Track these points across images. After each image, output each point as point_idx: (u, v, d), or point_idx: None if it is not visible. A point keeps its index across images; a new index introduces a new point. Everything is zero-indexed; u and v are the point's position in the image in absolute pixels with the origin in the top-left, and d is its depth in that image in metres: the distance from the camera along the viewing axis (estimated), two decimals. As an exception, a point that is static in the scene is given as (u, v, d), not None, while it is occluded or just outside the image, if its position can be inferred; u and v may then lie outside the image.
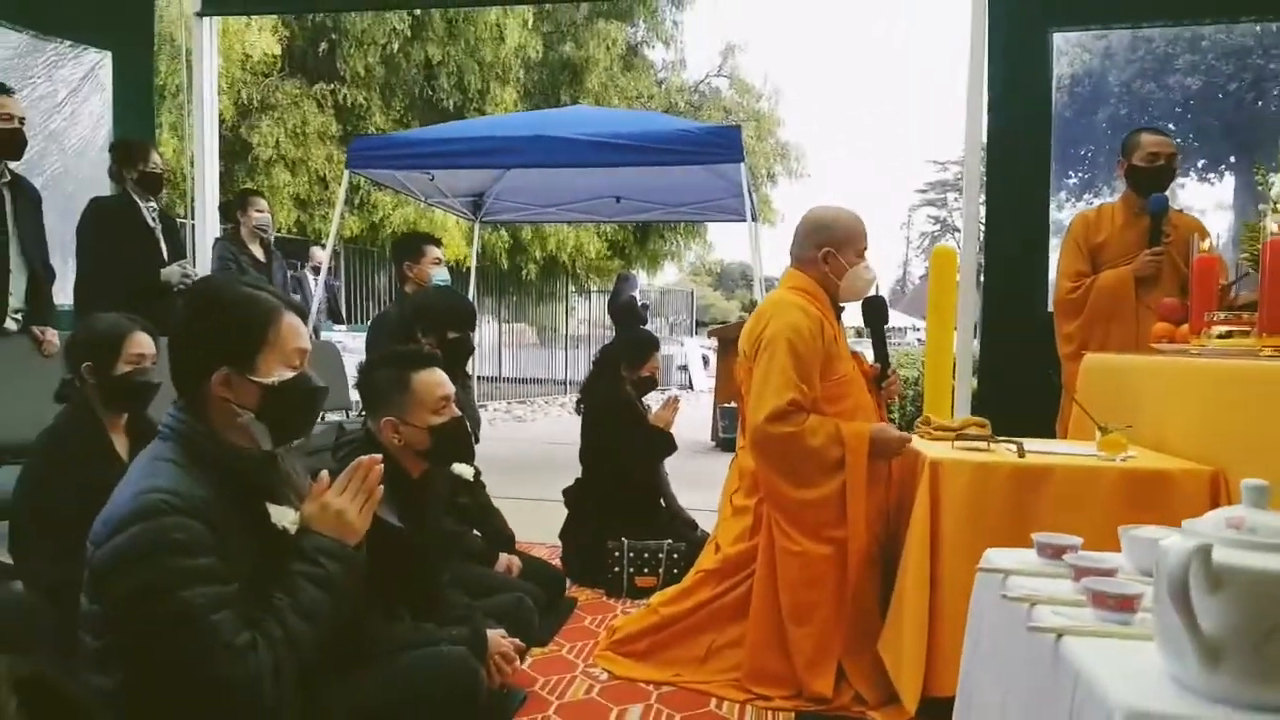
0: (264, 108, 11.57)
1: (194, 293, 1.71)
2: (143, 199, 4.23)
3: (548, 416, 11.67)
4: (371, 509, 1.68)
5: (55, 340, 3.63)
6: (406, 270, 4.16)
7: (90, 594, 1.51)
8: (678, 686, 2.71)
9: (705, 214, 8.40)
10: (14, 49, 4.75)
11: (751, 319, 2.86)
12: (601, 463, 3.86)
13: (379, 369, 2.36)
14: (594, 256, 15.04)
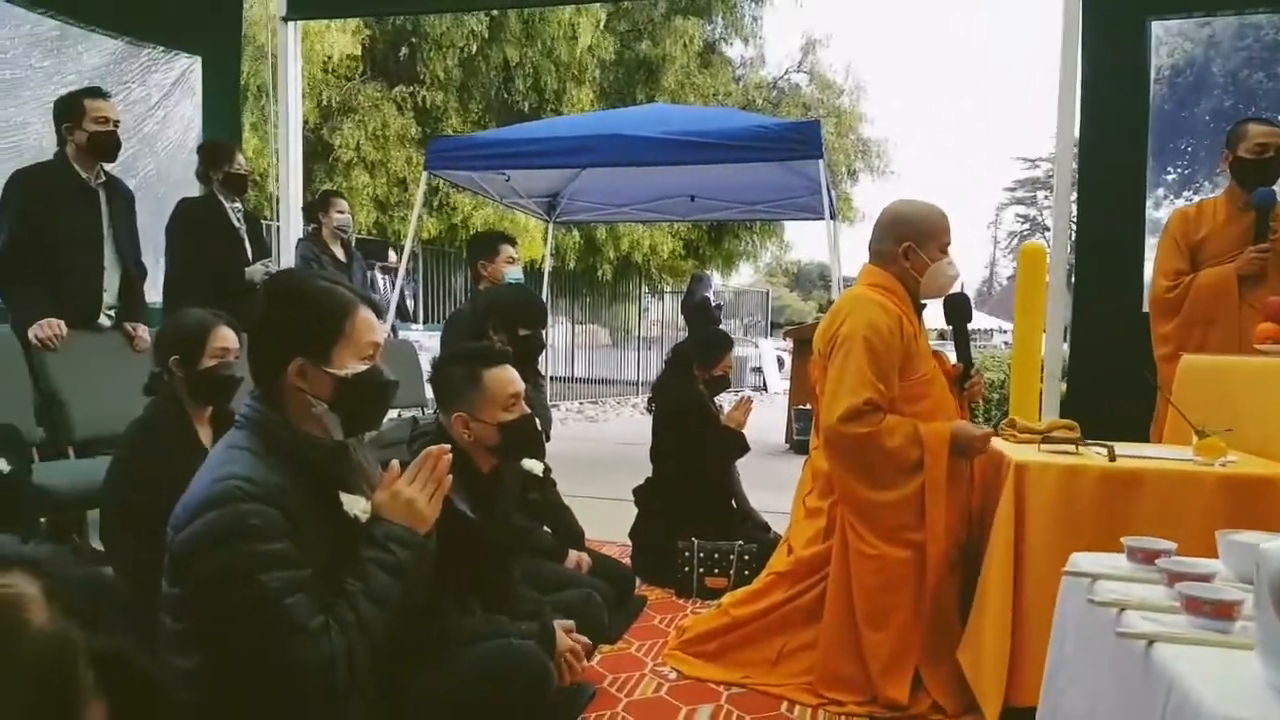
0: (345, 110, 11.87)
1: (272, 285, 1.75)
2: (228, 199, 4.37)
3: (619, 417, 11.70)
4: (441, 498, 1.69)
5: (146, 336, 3.75)
6: (481, 269, 4.20)
7: (170, 578, 1.55)
8: (748, 688, 2.68)
9: (782, 212, 8.31)
10: (110, 55, 4.96)
11: (827, 316, 2.80)
12: (672, 462, 3.83)
13: (451, 365, 2.38)
14: (667, 256, 15.02)
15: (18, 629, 0.60)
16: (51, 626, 0.61)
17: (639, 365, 15.66)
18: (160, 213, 4.40)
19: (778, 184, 7.04)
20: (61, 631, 0.62)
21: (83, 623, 0.63)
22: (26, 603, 0.61)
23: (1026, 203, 46.22)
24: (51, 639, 0.61)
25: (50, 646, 0.61)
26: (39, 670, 0.60)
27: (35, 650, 0.60)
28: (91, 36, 4.85)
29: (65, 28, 4.72)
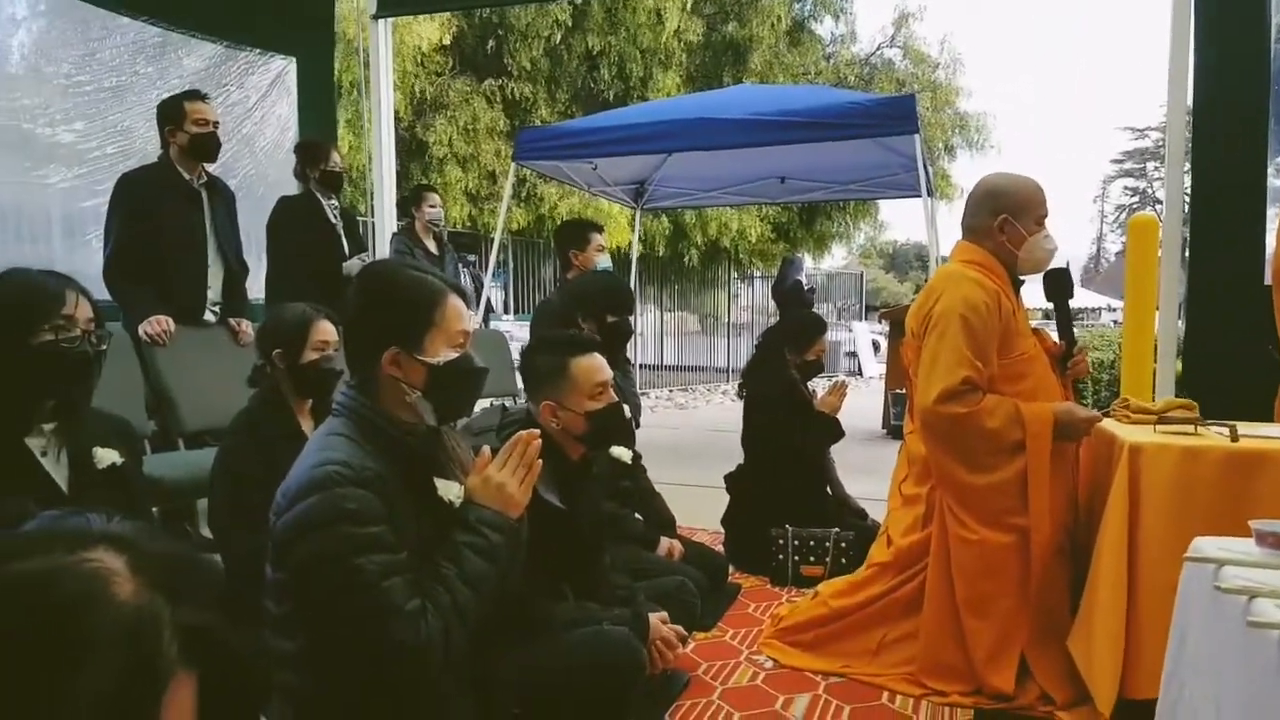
0: (437, 106, 12.10)
1: (366, 276, 1.78)
2: (325, 196, 4.48)
3: (709, 404, 11.64)
4: (531, 482, 1.70)
5: (249, 330, 3.88)
6: (571, 257, 4.21)
7: (273, 562, 1.60)
8: (848, 678, 2.63)
9: (876, 191, 8.09)
10: (209, 59, 5.15)
11: (921, 295, 2.71)
12: (764, 449, 3.77)
13: (539, 354, 2.38)
14: (757, 240, 14.84)
15: (104, 601, 0.61)
16: (136, 599, 0.62)
17: (729, 351, 15.54)
18: (259, 211, 4.55)
19: (872, 162, 6.85)
20: (146, 604, 0.62)
21: (167, 596, 0.64)
22: (112, 576, 0.62)
23: (1135, 174, 44.25)
24: (136, 611, 0.62)
25: (135, 618, 0.61)
26: (124, 641, 0.60)
27: (120, 622, 0.61)
28: (191, 42, 5.04)
29: (167, 34, 4.92)
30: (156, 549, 0.66)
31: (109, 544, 0.64)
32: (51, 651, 0.58)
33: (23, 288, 1.85)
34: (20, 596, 0.60)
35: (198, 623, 0.65)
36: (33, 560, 0.62)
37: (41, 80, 4.42)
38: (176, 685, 0.62)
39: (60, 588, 0.61)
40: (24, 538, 0.65)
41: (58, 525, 0.69)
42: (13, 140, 4.33)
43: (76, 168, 4.54)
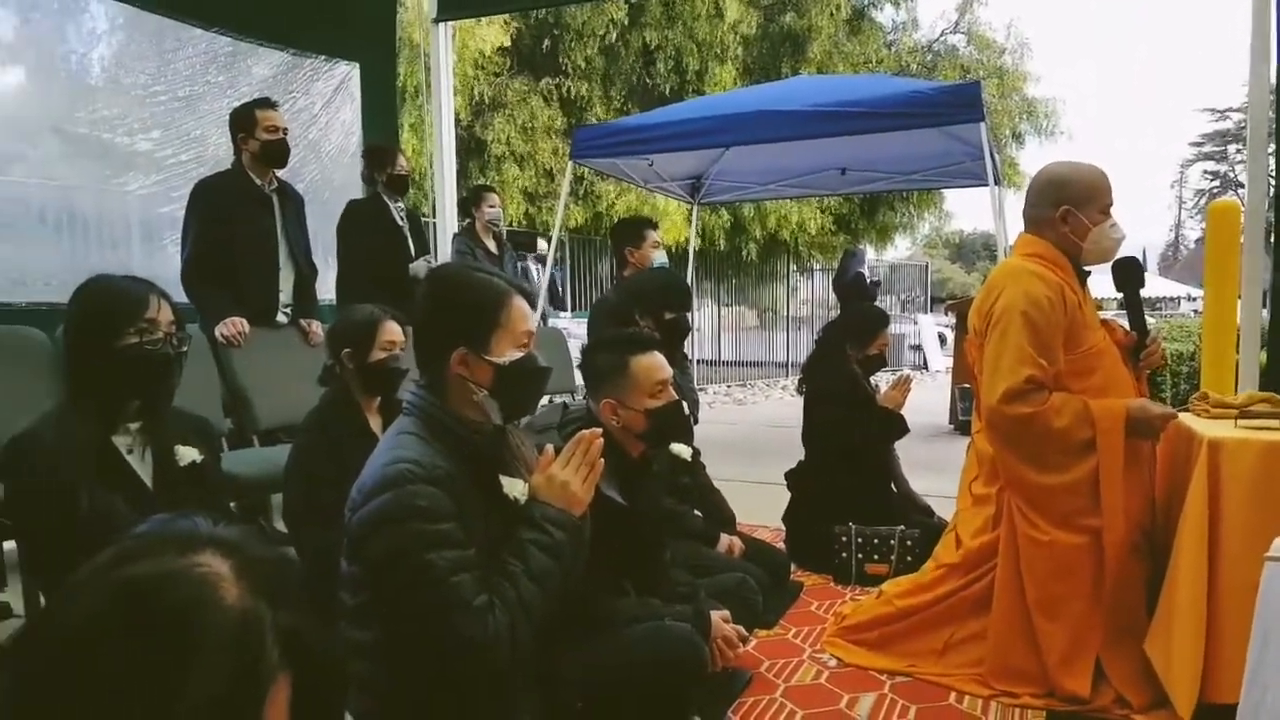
0: (495, 106, 12.23)
1: (434, 280, 1.82)
2: (391, 199, 4.59)
3: (768, 399, 11.57)
4: (594, 480, 1.72)
5: (319, 331, 3.98)
6: (627, 255, 4.23)
7: (348, 556, 1.65)
8: (914, 677, 2.59)
9: (941, 180, 7.94)
10: (277, 67, 5.30)
11: (981, 291, 2.65)
12: (825, 445, 3.74)
13: (599, 352, 2.40)
14: (817, 233, 14.69)
15: (212, 605, 0.64)
16: (242, 603, 0.65)
17: (788, 346, 15.43)
18: (326, 215, 4.67)
19: (936, 151, 6.73)
20: (251, 608, 0.65)
21: (269, 600, 0.66)
22: (219, 581, 0.65)
23: (1215, 158, 42.69)
24: (242, 614, 0.64)
25: (241, 622, 0.64)
26: (232, 644, 0.63)
27: (228, 625, 0.63)
28: (260, 51, 5.19)
29: (237, 44, 5.06)
30: (258, 554, 0.69)
31: (216, 548, 0.67)
32: (163, 654, 0.61)
33: (108, 293, 1.93)
34: (134, 599, 0.63)
35: (295, 626, 0.68)
36: (145, 564, 0.65)
37: (120, 91, 4.59)
38: (277, 687, 0.65)
39: (172, 592, 0.63)
40: (136, 541, 0.68)
41: (167, 529, 0.71)
42: (94, 149, 4.50)
43: (154, 175, 4.70)
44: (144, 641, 0.61)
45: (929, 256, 27.11)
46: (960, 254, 38.62)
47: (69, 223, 4.37)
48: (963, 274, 36.31)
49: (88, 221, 4.45)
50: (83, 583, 0.65)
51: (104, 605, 0.63)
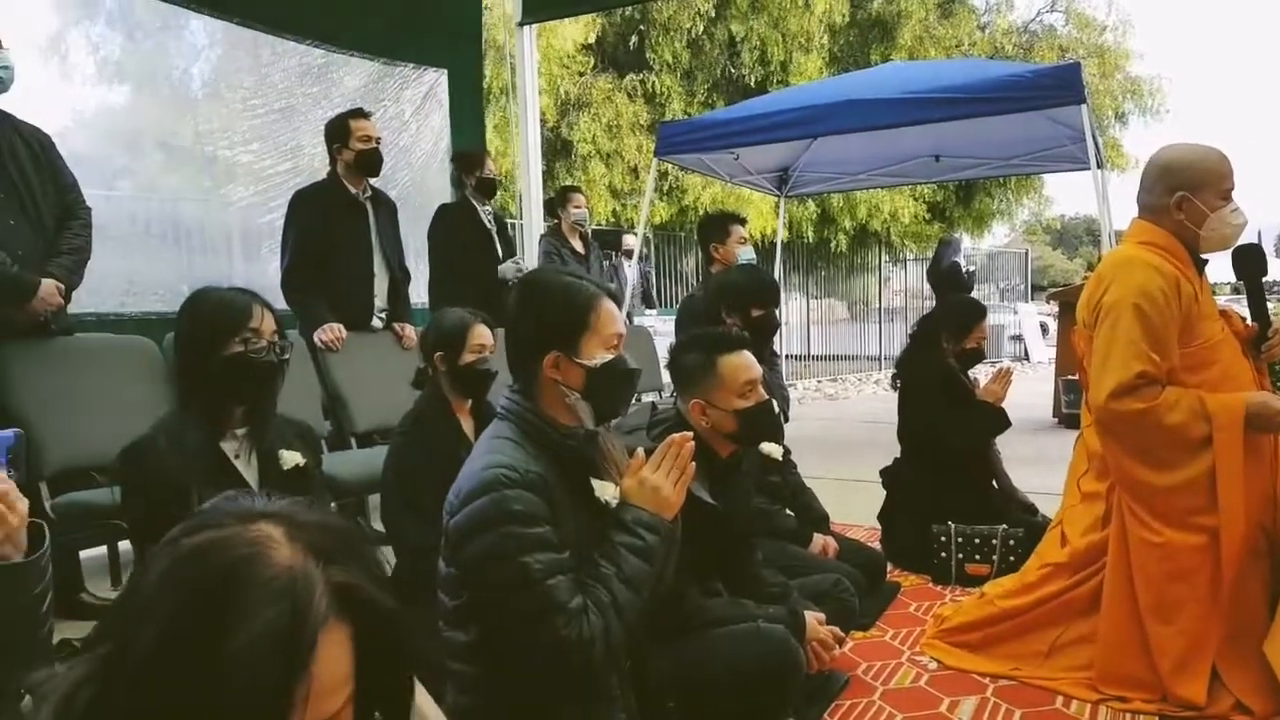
0: (580, 104, 12.31)
1: (523, 285, 1.84)
2: (480, 203, 4.67)
3: (861, 394, 11.35)
4: (685, 484, 1.71)
5: (412, 335, 4.08)
6: (713, 251, 4.20)
7: (446, 559, 1.68)
8: (1018, 681, 2.51)
9: (1040, 165, 7.68)
10: (368, 76, 5.43)
11: (1090, 283, 2.54)
12: (922, 441, 3.64)
13: (687, 352, 2.39)
14: (910, 222, 14.35)
15: (262, 561, 0.71)
16: (291, 561, 0.72)
17: (880, 339, 15.07)
18: (417, 219, 4.77)
19: (1034, 135, 6.50)
20: (300, 565, 0.72)
21: (319, 558, 0.73)
22: (270, 542, 0.73)
23: (1337, 129, 39.94)
24: (290, 570, 0.71)
25: (289, 577, 0.71)
26: (281, 595, 0.70)
27: (277, 578, 0.70)
28: (351, 61, 5.33)
29: (329, 55, 5.21)
30: (310, 519, 0.77)
31: (269, 518, 0.75)
32: (221, 604, 0.69)
33: (214, 304, 2.00)
34: (198, 560, 0.71)
35: (347, 580, 0.74)
36: (207, 532, 0.73)
37: (220, 104, 4.77)
38: (328, 634, 0.71)
39: (227, 552, 0.71)
40: (202, 515, 0.77)
41: (228, 504, 0.79)
42: (198, 161, 4.69)
43: (254, 186, 4.87)
44: (205, 595, 0.69)
45: (1029, 243, 26.14)
46: (1062, 240, 37.11)
47: (174, 234, 4.54)
48: (1064, 260, 34.89)
49: (191, 232, 4.62)
50: (157, 552, 0.74)
51: (170, 566, 0.72)
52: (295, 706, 0.68)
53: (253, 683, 0.67)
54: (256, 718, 0.67)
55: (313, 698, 0.70)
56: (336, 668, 0.72)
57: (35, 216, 2.98)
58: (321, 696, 0.70)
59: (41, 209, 3.00)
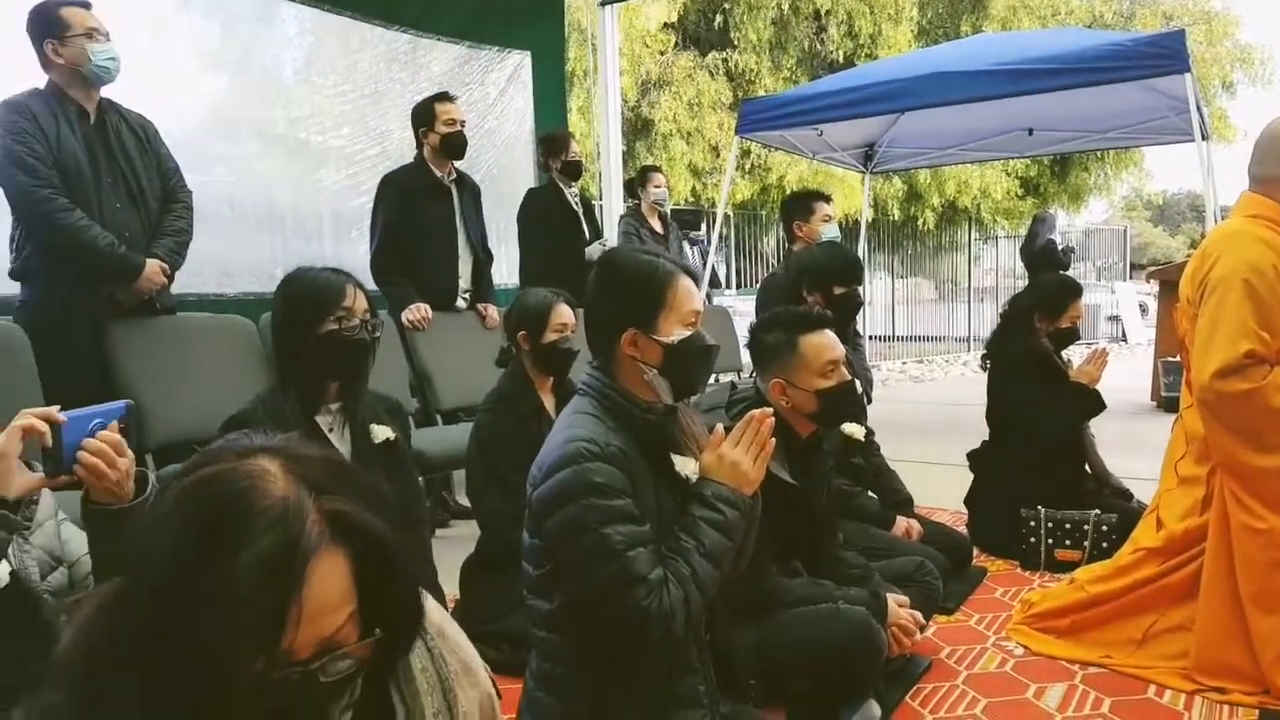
0: (661, 84, 12.27)
1: (602, 264, 1.87)
2: (566, 185, 4.72)
3: (947, 376, 11.09)
4: (765, 461, 1.71)
5: (495, 315, 4.16)
6: (796, 229, 4.16)
7: (529, 530, 1.71)
8: (1108, 669, 2.44)
9: (1140, 137, 7.34)
10: (453, 60, 5.52)
11: (1195, 257, 2.43)
12: (1012, 424, 3.54)
13: (768, 331, 2.37)
14: (1001, 198, 13.93)
15: (259, 492, 0.77)
16: (286, 490, 0.78)
17: (969, 319, 14.69)
18: (500, 202, 4.85)
19: (1134, 106, 6.22)
20: (294, 495, 0.78)
21: (312, 488, 0.79)
22: (266, 474, 0.78)
23: None
24: (284, 500, 0.77)
25: (283, 505, 0.76)
26: (276, 522, 0.75)
27: (273, 505, 0.76)
28: (438, 46, 5.42)
29: (416, 40, 5.31)
30: (304, 453, 0.83)
31: (267, 452, 0.81)
32: (220, 533, 0.74)
33: (310, 284, 2.09)
34: (200, 493, 0.78)
35: (338, 508, 0.80)
36: (208, 468, 0.79)
37: (313, 91, 4.91)
38: (320, 559, 0.77)
39: (229, 485, 0.77)
40: (204, 453, 0.83)
41: (230, 442, 0.85)
42: (292, 147, 4.85)
43: (345, 170, 5.02)
44: (205, 523, 0.75)
45: (1128, 220, 25.07)
46: (1163, 216, 35.41)
47: (267, 218, 4.70)
48: (1166, 238, 33.35)
49: (284, 216, 4.78)
50: (164, 488, 0.82)
51: (175, 499, 0.78)
52: (288, 626, 0.74)
53: (248, 604, 0.72)
54: (253, 636, 0.73)
55: (305, 618, 0.75)
56: (332, 588, 0.78)
57: (140, 200, 3.12)
58: (315, 617, 0.76)
59: (146, 193, 3.13)
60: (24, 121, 2.85)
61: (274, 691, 0.75)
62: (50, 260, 2.95)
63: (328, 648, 0.78)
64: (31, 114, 2.86)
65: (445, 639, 1.05)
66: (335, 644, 0.78)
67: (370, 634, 0.82)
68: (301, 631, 0.75)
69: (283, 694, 0.75)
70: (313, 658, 0.77)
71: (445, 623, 1.07)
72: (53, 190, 2.86)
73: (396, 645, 0.89)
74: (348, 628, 0.80)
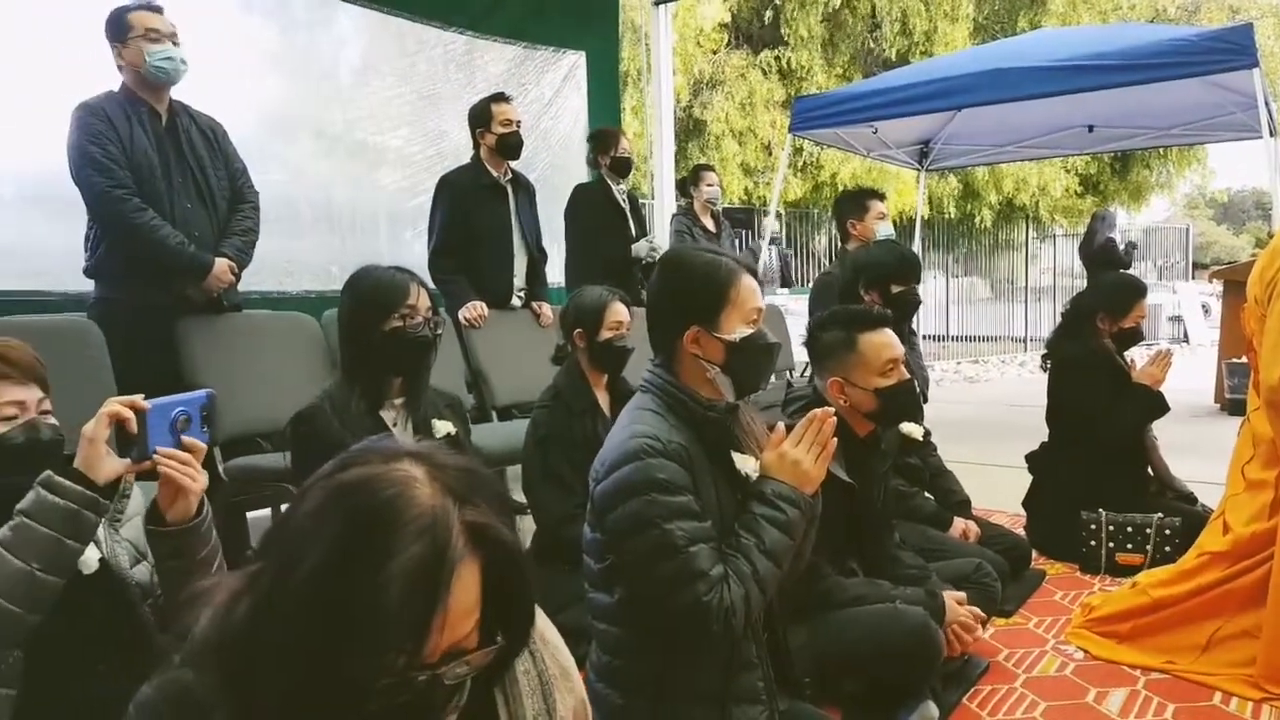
0: (714, 83, 12.24)
1: (665, 262, 1.90)
2: (614, 182, 4.74)
3: (1004, 377, 10.89)
4: (827, 460, 1.71)
5: (549, 313, 4.21)
6: (850, 228, 4.13)
7: (591, 524, 1.74)
8: (1172, 675, 2.39)
9: (1205, 134, 7.18)
10: (509, 61, 5.55)
11: (1264, 256, 2.38)
12: (1073, 425, 3.47)
13: (827, 329, 2.37)
14: (1060, 195, 13.64)
15: (408, 500, 0.78)
16: (433, 500, 0.79)
17: (1026, 319, 14.42)
18: (555, 200, 4.87)
19: (1198, 102, 6.08)
20: (440, 504, 0.79)
21: (455, 498, 0.80)
22: (414, 481, 0.80)
23: None
24: (432, 509, 0.78)
25: (432, 515, 0.78)
26: (425, 532, 0.77)
27: (421, 515, 0.78)
28: (494, 47, 5.46)
29: (473, 42, 5.36)
30: (449, 461, 0.84)
31: (412, 457, 0.82)
32: (372, 538, 0.76)
33: (376, 282, 2.14)
34: (351, 495, 0.79)
35: (479, 519, 0.81)
36: (356, 470, 0.81)
37: (369, 92, 4.97)
38: (462, 568, 0.79)
39: (377, 490, 0.78)
40: (351, 454, 0.84)
41: (375, 443, 0.87)
42: (351, 148, 4.91)
43: (403, 170, 5.08)
44: (355, 525, 0.77)
45: (1190, 218, 24.37)
46: (1227, 214, 34.31)
47: (326, 217, 4.77)
48: (1230, 236, 32.35)
49: (342, 215, 4.84)
50: (309, 486, 0.82)
51: (324, 502, 0.79)
52: (433, 633, 0.77)
53: (398, 610, 0.75)
54: (399, 640, 0.76)
55: (447, 625, 0.78)
56: (467, 597, 0.80)
57: (209, 200, 3.19)
58: (454, 623, 0.79)
59: (215, 193, 3.21)
60: (99, 123, 2.93)
61: (404, 691, 0.77)
62: (123, 259, 3.03)
63: (454, 653, 0.80)
64: (106, 115, 2.94)
65: (545, 643, 1.07)
66: (461, 650, 0.81)
67: (490, 641, 0.85)
68: (443, 638, 0.78)
69: (410, 694, 0.78)
70: (439, 661, 0.79)
71: (545, 627, 1.09)
72: (126, 191, 2.94)
73: (511, 651, 0.91)
74: (472, 634, 0.82)
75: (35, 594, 1.33)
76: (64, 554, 1.35)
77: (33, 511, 1.34)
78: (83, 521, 1.36)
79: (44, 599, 1.35)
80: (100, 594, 1.46)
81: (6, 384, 1.47)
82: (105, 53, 3.04)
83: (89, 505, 1.36)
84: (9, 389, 1.47)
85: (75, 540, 1.36)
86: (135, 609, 1.49)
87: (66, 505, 1.34)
